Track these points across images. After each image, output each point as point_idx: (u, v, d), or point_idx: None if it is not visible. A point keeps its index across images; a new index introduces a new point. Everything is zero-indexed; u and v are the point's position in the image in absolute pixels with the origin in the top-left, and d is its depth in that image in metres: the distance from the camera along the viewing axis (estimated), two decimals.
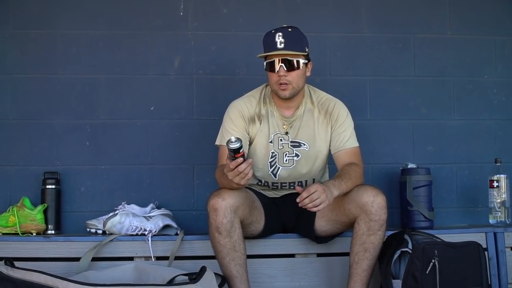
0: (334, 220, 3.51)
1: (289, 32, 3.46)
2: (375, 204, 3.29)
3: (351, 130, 3.64)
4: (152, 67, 4.22)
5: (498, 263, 3.80)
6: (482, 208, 4.24)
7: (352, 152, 3.59)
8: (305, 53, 3.50)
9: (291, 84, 3.48)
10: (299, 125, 3.62)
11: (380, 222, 3.31)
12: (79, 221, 3.97)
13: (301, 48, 3.47)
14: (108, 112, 4.18)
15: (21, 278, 2.97)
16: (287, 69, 3.44)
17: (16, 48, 4.16)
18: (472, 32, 4.46)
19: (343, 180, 3.34)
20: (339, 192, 3.29)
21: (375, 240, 3.33)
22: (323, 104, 3.66)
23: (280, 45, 3.42)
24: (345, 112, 3.65)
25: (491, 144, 4.39)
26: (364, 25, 4.39)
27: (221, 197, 3.29)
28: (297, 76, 3.48)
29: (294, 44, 3.43)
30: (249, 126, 3.61)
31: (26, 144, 4.12)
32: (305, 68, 3.52)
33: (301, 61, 3.46)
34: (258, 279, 3.66)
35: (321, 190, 3.17)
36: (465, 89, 4.42)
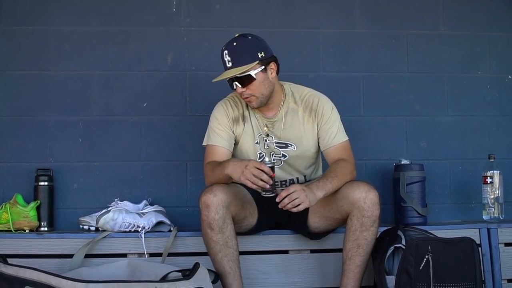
0: (327, 216, 3.50)
1: (234, 46, 3.41)
2: (368, 200, 3.28)
3: (338, 124, 3.61)
4: (145, 63, 4.21)
5: (492, 259, 3.80)
6: (476, 204, 4.24)
7: (341, 147, 3.57)
8: (257, 61, 3.42)
9: (254, 95, 3.47)
10: (282, 125, 3.59)
11: (373, 218, 3.30)
12: (72, 218, 3.98)
13: (249, 59, 3.40)
14: (101, 108, 4.17)
15: (14, 275, 2.96)
16: (242, 86, 3.43)
17: (8, 45, 4.15)
18: (465, 28, 4.46)
19: (328, 180, 3.33)
20: (325, 192, 3.30)
21: (368, 236, 3.33)
22: (306, 101, 3.63)
23: (228, 64, 3.41)
24: (329, 107, 3.61)
25: (485, 140, 4.40)
26: (357, 21, 4.38)
27: (212, 193, 3.29)
28: (256, 87, 3.44)
29: (240, 58, 3.39)
30: (233, 126, 3.62)
31: (18, 140, 4.11)
32: (264, 74, 3.45)
33: (252, 72, 3.40)
34: (252, 275, 3.66)
35: (300, 190, 3.19)
36: (458, 85, 4.42)
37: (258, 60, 3.41)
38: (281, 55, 4.20)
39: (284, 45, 4.29)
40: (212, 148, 3.59)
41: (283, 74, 4.18)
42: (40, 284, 2.92)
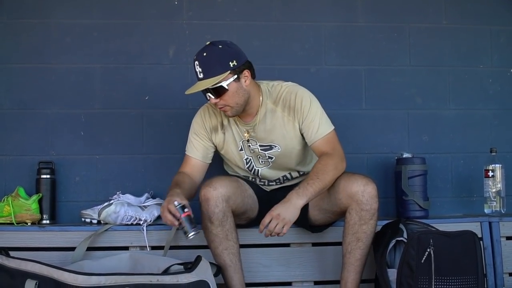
0: (326, 209, 3.50)
1: (204, 57, 3.31)
2: (366, 194, 3.27)
3: (319, 116, 3.48)
4: (147, 57, 4.21)
5: (493, 252, 3.80)
6: (477, 198, 4.25)
7: (326, 140, 3.46)
8: (229, 71, 3.31)
9: (228, 105, 3.38)
10: (263, 128, 3.52)
11: (372, 211, 3.30)
12: (74, 210, 3.98)
13: (220, 70, 3.30)
14: (102, 101, 4.17)
15: (16, 268, 2.97)
16: (215, 97, 3.34)
17: (10, 38, 4.14)
18: (467, 22, 4.45)
19: (309, 184, 3.25)
20: (307, 198, 3.23)
21: (367, 230, 3.33)
22: (284, 99, 3.51)
23: (200, 75, 3.32)
24: (307, 101, 3.49)
25: (486, 133, 4.40)
26: (359, 14, 4.38)
27: (212, 186, 3.30)
28: (230, 97, 3.35)
29: (211, 69, 3.29)
30: (212, 135, 3.61)
31: (20, 134, 4.11)
32: (237, 83, 3.35)
33: (225, 83, 3.30)
34: (253, 268, 3.67)
35: (275, 215, 3.14)
36: (460, 78, 4.42)
37: (230, 70, 3.31)
38: (283, 49, 4.24)
39: (286, 38, 4.29)
40: (187, 157, 3.63)
41: (285, 67, 4.21)
42: (42, 277, 2.92)
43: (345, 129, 4.25)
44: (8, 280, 2.98)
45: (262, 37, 4.28)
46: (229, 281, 3.42)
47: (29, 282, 2.92)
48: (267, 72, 4.19)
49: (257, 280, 3.69)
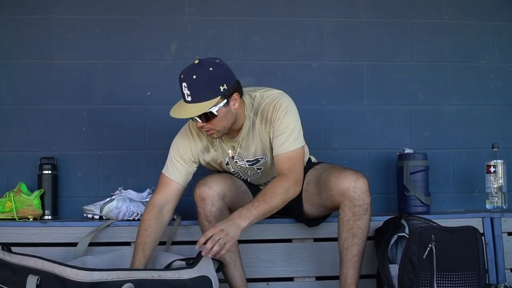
0: (319, 204, 3.50)
1: (193, 80, 3.11)
2: (357, 189, 3.26)
3: (290, 130, 3.32)
4: (149, 52, 4.21)
5: (495, 248, 3.80)
6: (479, 194, 4.24)
7: (288, 157, 3.32)
8: (219, 96, 3.16)
9: (215, 129, 3.26)
10: (248, 143, 3.44)
11: (365, 206, 3.28)
12: (76, 206, 3.98)
13: (210, 95, 3.14)
14: (104, 97, 4.17)
15: (18, 263, 2.97)
16: (202, 121, 3.21)
17: (12, 33, 4.14)
18: (469, 17, 4.45)
19: (254, 206, 3.12)
20: (250, 221, 3.08)
21: (362, 225, 3.31)
22: (262, 111, 3.38)
23: (187, 98, 3.15)
24: (282, 113, 3.33)
25: (488, 129, 4.40)
26: (361, 10, 4.37)
27: (207, 185, 3.30)
28: (217, 122, 3.22)
29: (201, 95, 3.14)
30: (200, 157, 3.50)
31: (22, 129, 4.11)
32: (226, 107, 3.20)
33: (214, 109, 3.15)
34: (255, 264, 3.67)
35: (218, 230, 2.98)
36: (462, 74, 4.41)
37: (220, 95, 3.16)
38: (285, 44, 4.24)
39: (288, 34, 4.29)
40: (166, 180, 3.46)
41: (287, 63, 4.22)
42: (44, 273, 2.92)
43: (347, 125, 4.27)
44: (10, 276, 2.97)
45: (263, 32, 4.28)
46: (229, 278, 3.42)
47: (30, 278, 2.91)
48: (268, 68, 4.22)
49: (258, 275, 3.69)
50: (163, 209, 3.39)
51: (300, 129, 3.38)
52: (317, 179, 3.48)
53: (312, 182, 3.52)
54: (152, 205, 3.38)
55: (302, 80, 4.28)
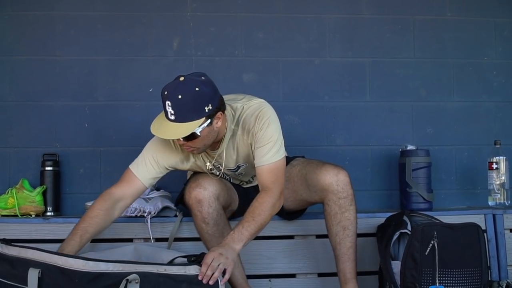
0: (300, 200, 3.51)
1: (178, 100, 3.01)
2: (340, 182, 3.27)
3: (272, 144, 3.26)
4: (151, 49, 4.21)
5: (497, 244, 3.81)
6: (481, 190, 4.24)
7: (270, 169, 3.25)
8: (204, 117, 3.07)
9: (196, 147, 3.20)
10: (230, 153, 3.39)
11: (349, 197, 3.30)
12: (78, 202, 3.99)
13: (195, 116, 3.05)
14: (107, 93, 4.18)
15: (17, 256, 2.94)
16: (184, 140, 3.13)
17: (14, 30, 4.14)
18: (472, 14, 4.44)
19: (244, 227, 3.06)
20: (243, 243, 3.04)
21: (350, 216, 3.32)
22: (244, 122, 3.30)
23: (171, 116, 3.06)
24: (264, 125, 3.26)
25: (491, 126, 4.39)
26: (363, 6, 4.37)
27: (202, 187, 3.29)
28: (199, 141, 3.15)
29: (185, 116, 3.04)
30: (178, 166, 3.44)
31: (25, 126, 4.12)
32: (209, 127, 3.12)
33: (198, 130, 3.06)
34: (257, 260, 3.68)
35: (217, 255, 2.88)
36: (464, 71, 4.41)
37: (205, 116, 3.07)
38: (288, 41, 4.24)
39: (290, 30, 4.29)
40: (131, 175, 3.37)
41: (289, 60, 4.22)
42: (45, 264, 2.89)
43: (349, 122, 4.27)
44: (9, 269, 2.93)
45: (266, 29, 4.27)
46: (230, 277, 3.40)
47: (32, 271, 2.87)
48: (271, 64, 4.22)
49: (261, 272, 3.70)
50: (116, 204, 3.29)
51: (282, 140, 3.32)
52: (296, 176, 3.48)
53: (291, 179, 3.51)
54: (107, 196, 3.29)
55: (304, 77, 4.27)
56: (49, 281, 2.86)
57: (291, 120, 4.24)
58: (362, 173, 4.27)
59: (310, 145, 4.18)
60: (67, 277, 2.86)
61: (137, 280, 2.83)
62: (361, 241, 3.56)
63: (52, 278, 2.87)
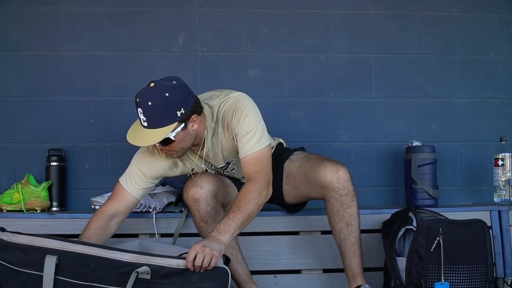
0: (301, 195, 3.52)
1: (148, 107, 3.03)
2: (340, 179, 3.26)
3: (252, 134, 3.23)
4: (157, 44, 4.21)
5: (503, 241, 3.80)
6: (487, 187, 4.24)
7: (254, 158, 3.22)
8: (176, 122, 3.09)
9: (173, 150, 3.22)
10: (216, 152, 3.39)
11: (351, 194, 3.29)
12: (83, 198, 4.00)
13: (167, 122, 3.07)
14: (112, 89, 4.18)
15: (30, 244, 2.92)
16: (161, 145, 3.15)
17: (20, 25, 4.15)
18: (478, 10, 4.44)
19: (230, 218, 3.01)
20: (230, 234, 2.98)
21: (353, 212, 3.32)
22: (223, 118, 3.29)
23: (144, 123, 3.08)
24: (242, 116, 3.24)
25: (496, 122, 4.39)
26: (369, 2, 4.36)
27: (199, 186, 3.29)
28: (176, 145, 3.17)
29: (157, 121, 3.07)
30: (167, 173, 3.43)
31: (30, 121, 4.13)
32: (184, 131, 3.14)
33: (171, 135, 3.09)
34: (262, 256, 3.68)
35: (200, 248, 2.84)
36: (470, 67, 4.40)
37: (177, 121, 3.09)
38: (293, 37, 4.23)
39: (296, 26, 4.29)
40: (121, 190, 3.37)
41: (295, 55, 4.21)
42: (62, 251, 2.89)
43: (355, 117, 4.27)
44: (22, 257, 2.92)
45: (271, 25, 4.27)
46: (233, 274, 3.39)
47: (49, 258, 2.87)
48: (276, 60, 4.22)
49: (266, 268, 3.70)
50: (111, 221, 3.31)
51: (263, 128, 3.29)
52: (296, 173, 3.48)
53: (291, 175, 3.51)
54: (101, 214, 3.30)
55: (310, 73, 4.27)
56: (66, 267, 2.88)
57: (296, 116, 4.24)
58: (367, 169, 4.27)
59: (316, 141, 4.18)
60: (84, 262, 2.89)
61: (148, 272, 2.84)
62: (366, 237, 3.56)
63: (68, 265, 2.88)
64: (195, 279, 2.85)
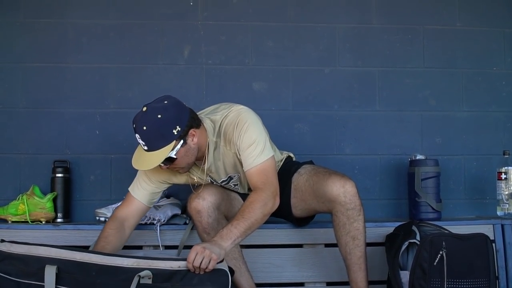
0: (308, 209, 3.52)
1: (144, 131, 3.09)
2: (347, 193, 3.26)
3: (254, 146, 3.26)
4: (162, 57, 4.23)
5: (506, 255, 3.81)
6: (490, 200, 4.25)
7: (259, 170, 3.25)
8: (174, 140, 3.14)
9: (179, 167, 3.27)
10: (218, 166, 3.42)
11: (357, 208, 3.28)
12: (88, 209, 4.00)
13: (165, 143, 3.11)
14: (117, 101, 4.20)
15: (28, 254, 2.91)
16: (165, 164, 3.19)
17: (26, 37, 4.17)
18: (481, 24, 4.45)
19: (233, 225, 3.04)
20: (232, 240, 3.01)
21: (359, 226, 3.31)
22: (224, 133, 3.32)
23: (144, 147, 3.13)
24: (243, 130, 3.27)
25: (500, 136, 4.39)
26: (373, 15, 4.38)
27: (201, 197, 3.32)
28: (179, 161, 3.21)
29: (155, 144, 3.11)
30: (171, 180, 3.49)
31: (36, 132, 4.14)
32: (184, 147, 3.18)
33: (172, 153, 3.13)
34: (266, 269, 3.69)
35: (200, 249, 2.87)
36: (473, 81, 4.42)
37: (175, 139, 3.14)
38: (298, 50, 4.24)
39: (300, 39, 4.30)
40: (130, 198, 3.44)
41: (299, 68, 4.23)
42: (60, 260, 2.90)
43: (358, 130, 4.28)
44: (22, 268, 2.92)
45: (276, 38, 4.29)
46: (237, 285, 3.43)
47: (48, 268, 2.87)
48: (281, 73, 4.23)
49: (269, 280, 3.71)
50: (123, 224, 3.38)
51: (266, 139, 3.31)
52: (303, 186, 3.48)
53: (299, 189, 3.51)
54: (114, 218, 3.39)
55: (314, 86, 4.29)
56: (66, 276, 2.88)
57: (300, 128, 4.26)
58: (371, 182, 4.28)
59: (320, 153, 4.19)
60: (84, 271, 2.89)
61: (150, 276, 2.85)
62: (370, 250, 3.56)
63: (68, 273, 2.88)
64: (196, 281, 2.88)
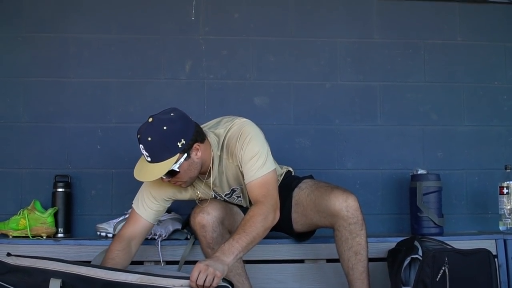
0: (310, 224, 3.51)
1: (149, 143, 3.09)
2: (350, 208, 3.25)
3: (256, 159, 3.25)
4: (164, 71, 4.23)
5: (508, 270, 3.80)
6: (492, 215, 4.23)
7: (259, 183, 3.24)
8: (178, 153, 3.13)
9: (181, 180, 3.26)
10: (222, 179, 3.41)
11: (360, 223, 3.27)
12: (89, 224, 4.01)
13: (169, 155, 3.11)
14: (119, 115, 4.20)
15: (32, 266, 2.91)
16: (167, 177, 3.19)
17: (28, 51, 4.17)
18: (482, 38, 4.46)
19: (235, 239, 3.01)
20: (234, 255, 2.98)
21: (361, 241, 3.30)
22: (227, 146, 3.32)
23: (147, 158, 3.13)
24: (245, 144, 3.27)
25: (501, 150, 4.39)
26: (374, 30, 4.39)
27: (205, 212, 3.31)
28: (182, 175, 3.21)
29: (159, 156, 3.11)
30: (176, 196, 3.47)
31: (37, 147, 4.14)
32: (188, 160, 3.17)
33: (175, 166, 3.13)
34: (268, 284, 3.67)
35: (203, 267, 2.84)
36: (475, 95, 4.42)
37: (179, 152, 3.13)
38: (298, 64, 4.25)
39: (301, 54, 4.31)
40: (135, 215, 3.42)
41: (300, 83, 4.23)
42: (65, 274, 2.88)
43: (360, 145, 4.28)
44: (27, 280, 2.91)
45: (277, 52, 4.30)
46: None
47: (53, 281, 2.86)
48: (282, 88, 4.24)
49: None
50: (130, 243, 3.36)
51: (267, 153, 3.31)
52: (305, 201, 3.47)
53: (300, 203, 3.50)
54: (120, 237, 3.36)
55: (315, 100, 4.29)
56: None
57: (302, 143, 4.26)
58: (372, 196, 4.28)
59: (321, 168, 4.19)
60: (89, 285, 2.88)
61: None
62: (372, 265, 3.54)
63: (73, 287, 2.87)
64: None
